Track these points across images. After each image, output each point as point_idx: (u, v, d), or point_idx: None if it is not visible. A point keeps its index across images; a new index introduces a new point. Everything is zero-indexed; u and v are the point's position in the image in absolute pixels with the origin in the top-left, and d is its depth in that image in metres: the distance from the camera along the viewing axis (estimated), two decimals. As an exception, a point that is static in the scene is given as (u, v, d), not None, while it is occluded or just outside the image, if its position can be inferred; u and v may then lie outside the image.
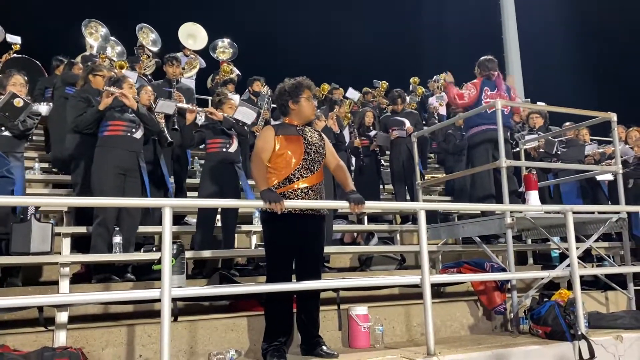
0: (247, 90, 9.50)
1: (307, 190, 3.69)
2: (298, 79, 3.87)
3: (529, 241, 6.42)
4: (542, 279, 4.84)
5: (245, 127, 5.29)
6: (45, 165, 7.34)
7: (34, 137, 8.35)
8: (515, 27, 16.75)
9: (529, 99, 11.63)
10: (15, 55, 8.75)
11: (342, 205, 3.70)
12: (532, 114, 7.96)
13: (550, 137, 7.00)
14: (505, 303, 4.79)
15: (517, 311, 4.71)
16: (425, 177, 7.50)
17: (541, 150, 7.18)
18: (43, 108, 7.30)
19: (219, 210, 5.23)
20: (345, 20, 20.11)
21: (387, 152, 8.08)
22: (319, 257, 3.83)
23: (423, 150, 9.70)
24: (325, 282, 3.96)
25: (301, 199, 3.65)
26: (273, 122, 5.83)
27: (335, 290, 4.32)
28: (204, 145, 5.41)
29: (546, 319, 4.35)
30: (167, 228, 3.14)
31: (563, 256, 5.85)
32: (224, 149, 5.25)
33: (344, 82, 10.63)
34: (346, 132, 6.30)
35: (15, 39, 9.16)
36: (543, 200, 6.80)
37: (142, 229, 5.13)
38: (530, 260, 6.65)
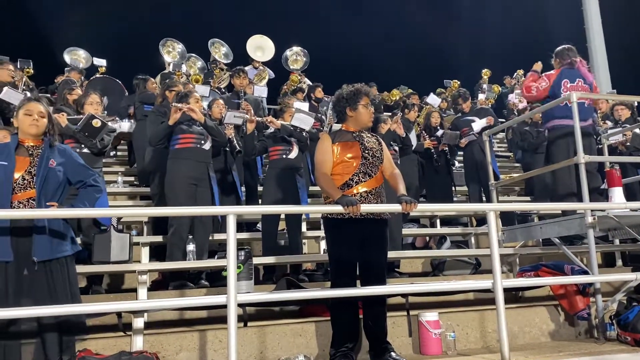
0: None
1: (366, 194, 3.66)
2: (356, 86, 3.81)
3: (617, 241, 5.98)
4: (630, 282, 4.49)
5: (304, 133, 5.35)
6: (130, 178, 7.76)
7: (119, 153, 8.92)
8: (601, 34, 15.70)
9: (615, 90, 10.90)
10: (98, 75, 9.34)
11: (395, 208, 3.58)
12: (617, 105, 7.45)
13: (637, 130, 6.50)
14: (589, 308, 4.48)
15: (602, 316, 4.40)
16: (501, 177, 7.19)
17: (629, 144, 6.70)
18: (125, 125, 7.77)
19: (282, 216, 5.31)
20: (421, 23, 19.93)
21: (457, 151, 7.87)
22: (382, 261, 3.76)
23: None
24: (390, 287, 3.89)
25: (361, 203, 3.61)
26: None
27: (404, 295, 4.25)
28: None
29: (635, 325, 4.04)
30: (232, 234, 3.19)
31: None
32: (284, 156, 5.37)
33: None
34: (413, 135, 6.18)
35: (101, 62, 9.81)
36: (635, 198, 6.33)
37: (216, 236, 5.30)
38: (619, 262, 6.20)
